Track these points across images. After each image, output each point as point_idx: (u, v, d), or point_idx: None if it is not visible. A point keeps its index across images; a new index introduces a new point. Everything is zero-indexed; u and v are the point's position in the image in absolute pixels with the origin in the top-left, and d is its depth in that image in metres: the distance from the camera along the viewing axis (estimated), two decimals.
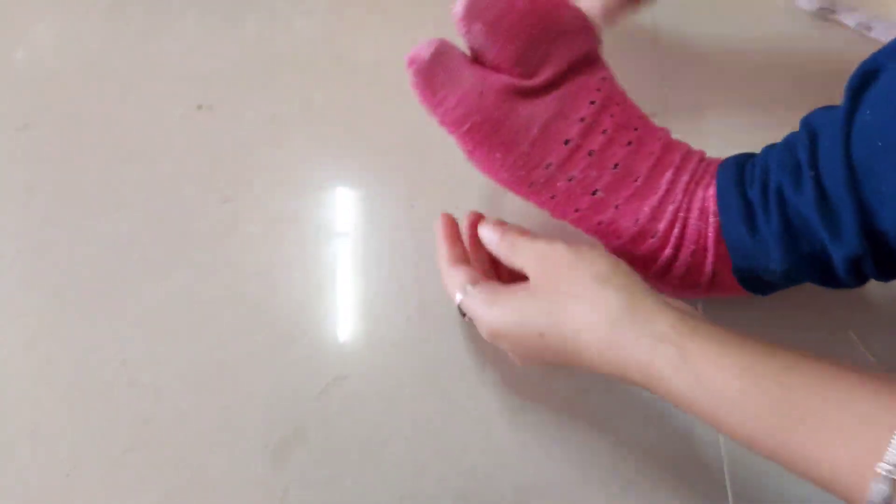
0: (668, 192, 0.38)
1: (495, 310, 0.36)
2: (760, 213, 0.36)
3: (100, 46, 0.58)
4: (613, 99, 0.40)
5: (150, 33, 0.59)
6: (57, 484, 0.44)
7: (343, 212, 0.52)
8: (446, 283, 0.40)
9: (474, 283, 0.38)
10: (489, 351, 0.47)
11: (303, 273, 0.49)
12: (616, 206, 0.39)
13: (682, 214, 0.38)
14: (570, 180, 0.39)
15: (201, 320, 0.48)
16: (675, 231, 0.38)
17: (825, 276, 0.36)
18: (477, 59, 0.39)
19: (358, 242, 0.51)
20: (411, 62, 0.38)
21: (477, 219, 0.42)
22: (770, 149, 0.38)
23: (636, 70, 0.55)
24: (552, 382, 0.46)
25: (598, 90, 0.39)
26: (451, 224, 0.43)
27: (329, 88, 0.56)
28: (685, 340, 0.30)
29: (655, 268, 0.40)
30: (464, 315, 0.40)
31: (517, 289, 0.36)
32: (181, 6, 0.60)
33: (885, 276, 0.34)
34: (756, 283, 0.39)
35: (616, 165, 0.38)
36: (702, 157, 0.40)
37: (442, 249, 0.41)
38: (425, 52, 0.37)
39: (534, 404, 0.45)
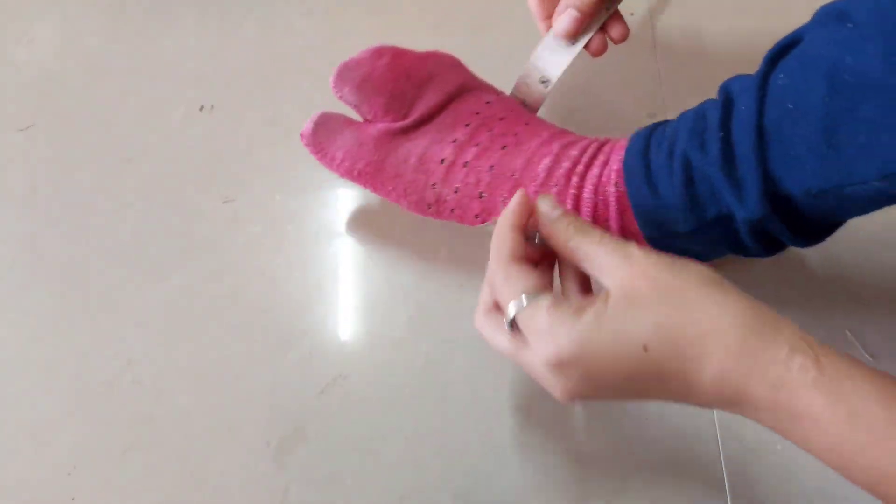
0: (546, 178, 0.41)
1: (580, 324, 0.29)
2: (665, 177, 0.36)
3: (100, 47, 0.58)
4: (495, 116, 0.44)
5: (151, 34, 0.59)
6: (58, 483, 0.44)
7: (343, 212, 0.52)
8: (497, 286, 0.33)
9: (538, 290, 0.31)
10: (489, 351, 0.47)
11: (303, 273, 0.49)
12: (503, 200, 0.41)
13: (572, 191, 0.40)
14: (456, 192, 0.42)
15: (202, 320, 0.48)
16: (569, 205, 0.40)
17: (732, 242, 0.36)
18: (364, 117, 0.45)
19: (358, 242, 0.51)
20: (301, 137, 0.45)
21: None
22: (683, 115, 0.38)
23: (633, 71, 0.56)
24: None
25: (477, 113, 0.44)
26: (522, 211, 0.34)
27: (329, 89, 0.56)
28: (818, 352, 0.27)
29: None
30: (513, 328, 0.32)
31: (604, 299, 0.29)
32: (181, 7, 0.60)
33: (801, 241, 0.35)
34: (670, 250, 0.38)
35: (492, 167, 0.42)
36: (594, 143, 0.42)
37: (500, 241, 0.33)
38: (309, 125, 0.45)
39: (533, 403, 0.45)
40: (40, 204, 0.52)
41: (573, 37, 0.43)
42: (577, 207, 0.40)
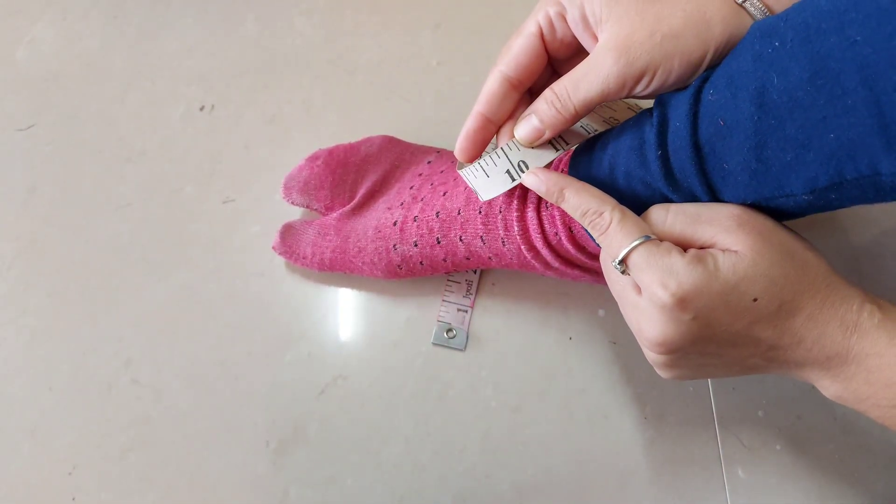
0: (488, 208, 0.43)
1: (700, 269, 0.32)
2: (607, 192, 0.37)
3: (100, 46, 0.58)
4: (436, 171, 0.47)
5: (151, 33, 0.59)
6: (58, 483, 0.44)
7: None
8: (609, 235, 0.34)
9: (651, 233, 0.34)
10: (488, 352, 0.47)
11: (303, 273, 0.49)
12: (461, 239, 0.44)
13: (516, 213, 0.41)
14: (416, 245, 0.45)
15: (201, 320, 0.48)
16: (516, 229, 0.41)
17: None
18: (319, 213, 0.50)
19: None
20: (274, 248, 0.48)
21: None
22: (622, 129, 0.38)
23: None
24: (551, 382, 0.46)
25: (420, 174, 0.48)
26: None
27: (329, 88, 0.56)
28: (882, 304, 0.32)
29: (535, 259, 0.42)
30: (623, 270, 0.34)
31: (729, 256, 0.32)
32: (181, 6, 0.60)
33: None
34: None
35: (438, 213, 0.44)
36: None
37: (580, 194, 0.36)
38: (277, 238, 0.49)
39: (533, 404, 0.45)
40: (39, 203, 0.52)
41: (529, 144, 0.38)
42: (523, 227, 0.41)
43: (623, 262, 0.34)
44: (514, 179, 0.38)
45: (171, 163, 0.53)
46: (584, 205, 0.35)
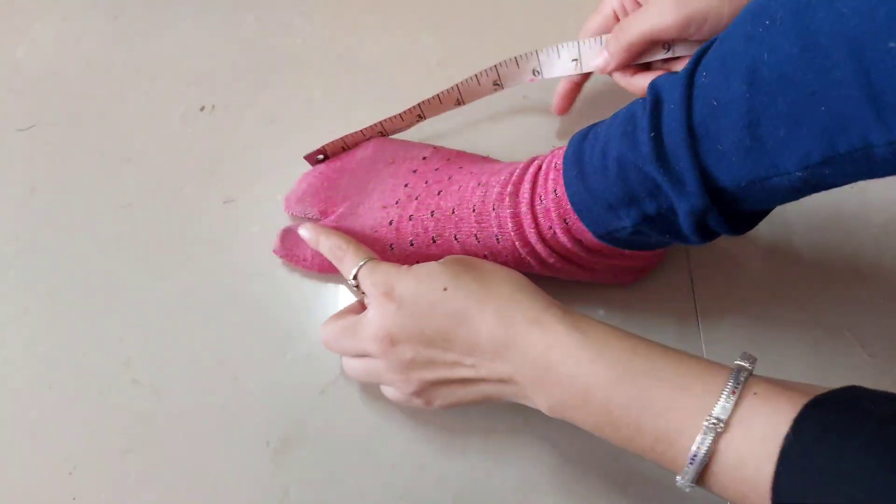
0: (481, 206, 0.43)
1: (404, 269, 0.39)
2: (600, 179, 0.37)
3: (100, 46, 0.58)
4: (431, 168, 0.48)
5: (151, 33, 0.59)
6: (58, 483, 0.44)
7: None
8: (345, 261, 0.42)
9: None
10: None
11: (303, 273, 0.49)
12: (455, 238, 0.44)
13: (509, 210, 0.42)
14: (412, 245, 0.45)
15: (202, 320, 0.48)
16: (510, 225, 0.42)
17: (674, 232, 0.38)
18: (320, 218, 0.50)
19: None
20: (275, 251, 0.49)
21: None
22: (615, 117, 0.39)
23: None
24: None
25: (414, 171, 0.48)
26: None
27: (329, 88, 0.56)
28: (568, 312, 0.36)
29: (530, 255, 0.43)
30: (357, 286, 0.41)
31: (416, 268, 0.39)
32: (181, 6, 0.60)
33: (734, 230, 0.36)
34: (625, 242, 0.41)
35: (432, 213, 0.45)
36: (522, 163, 0.44)
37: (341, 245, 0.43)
38: (277, 241, 0.49)
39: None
40: (39, 204, 0.52)
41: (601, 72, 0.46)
42: (517, 223, 0.42)
43: (355, 278, 0.41)
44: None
45: (171, 163, 0.53)
46: (332, 242, 0.43)
